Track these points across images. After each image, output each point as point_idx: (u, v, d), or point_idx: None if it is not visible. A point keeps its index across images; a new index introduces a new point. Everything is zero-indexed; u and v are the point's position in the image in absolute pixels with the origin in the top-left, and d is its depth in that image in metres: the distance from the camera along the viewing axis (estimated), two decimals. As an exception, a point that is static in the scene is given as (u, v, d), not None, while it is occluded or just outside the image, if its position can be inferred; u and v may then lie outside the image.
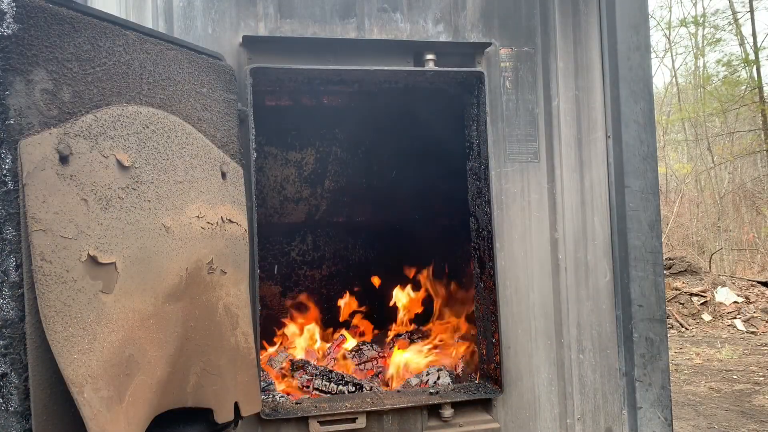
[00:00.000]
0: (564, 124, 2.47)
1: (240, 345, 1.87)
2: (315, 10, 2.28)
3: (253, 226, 2.06)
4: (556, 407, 2.43)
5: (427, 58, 2.32)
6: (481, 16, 2.42)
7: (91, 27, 1.48)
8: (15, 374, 1.30)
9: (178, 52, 1.75)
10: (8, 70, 1.29)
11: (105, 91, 1.49)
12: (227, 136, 1.94)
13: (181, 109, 1.74)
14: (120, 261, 1.44)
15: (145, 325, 1.50)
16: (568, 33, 2.50)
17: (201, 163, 1.77)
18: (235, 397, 1.82)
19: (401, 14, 2.36)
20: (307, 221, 3.66)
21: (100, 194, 1.41)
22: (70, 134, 1.36)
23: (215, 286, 1.78)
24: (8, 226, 1.30)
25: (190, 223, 1.69)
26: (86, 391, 1.29)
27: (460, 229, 2.61)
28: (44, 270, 1.27)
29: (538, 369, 2.41)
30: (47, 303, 1.26)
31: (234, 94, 1.99)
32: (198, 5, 2.17)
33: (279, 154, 3.46)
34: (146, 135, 1.57)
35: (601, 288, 2.48)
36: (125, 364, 1.42)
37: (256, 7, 2.23)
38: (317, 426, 2.15)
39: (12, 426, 1.29)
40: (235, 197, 1.92)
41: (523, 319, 2.40)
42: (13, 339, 1.30)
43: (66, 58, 1.40)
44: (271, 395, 2.39)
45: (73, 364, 1.28)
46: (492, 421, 2.34)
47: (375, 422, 2.23)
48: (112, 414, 1.34)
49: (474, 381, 2.52)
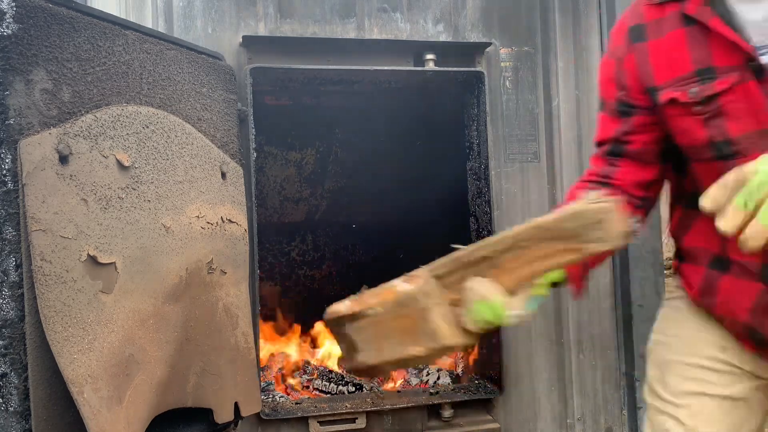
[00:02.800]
0: (564, 124, 2.47)
1: (240, 345, 1.87)
2: (315, 10, 2.28)
3: (253, 226, 2.06)
4: (556, 407, 2.43)
5: (427, 58, 2.32)
6: (481, 16, 2.42)
7: (90, 27, 1.48)
8: (14, 374, 1.30)
9: (177, 52, 1.75)
10: (8, 70, 1.29)
11: (105, 91, 1.49)
12: (227, 136, 1.94)
13: (180, 109, 1.74)
14: (120, 261, 1.44)
15: (145, 325, 1.50)
16: (568, 33, 2.50)
17: (201, 163, 1.77)
18: (235, 397, 1.82)
19: (401, 14, 2.35)
20: (307, 221, 3.66)
21: (100, 194, 1.41)
22: (69, 134, 1.36)
23: (215, 286, 1.78)
24: (8, 226, 1.30)
25: (190, 223, 1.69)
26: (86, 391, 1.29)
27: (460, 229, 2.61)
28: (44, 270, 1.26)
29: (538, 369, 2.41)
30: (47, 303, 1.26)
31: (234, 94, 1.98)
32: (198, 5, 2.17)
33: (279, 154, 3.46)
34: (146, 135, 1.57)
35: (601, 288, 2.47)
36: (125, 364, 1.42)
37: (255, 7, 2.23)
38: (317, 426, 2.15)
39: (11, 426, 1.29)
40: (235, 197, 1.92)
41: (523, 319, 2.40)
42: (13, 339, 1.30)
43: (66, 58, 1.40)
44: (271, 395, 2.39)
45: (72, 364, 1.28)
46: (492, 421, 2.34)
47: (375, 422, 2.23)
48: (111, 414, 1.34)
49: (474, 381, 2.52)
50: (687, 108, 1.18)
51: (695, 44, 1.18)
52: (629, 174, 1.31)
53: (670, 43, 1.21)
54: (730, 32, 1.12)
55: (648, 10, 1.27)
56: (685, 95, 1.18)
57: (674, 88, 1.20)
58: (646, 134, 1.29)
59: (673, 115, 1.22)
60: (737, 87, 1.13)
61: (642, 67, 1.26)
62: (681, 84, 1.19)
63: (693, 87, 1.17)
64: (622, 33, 1.31)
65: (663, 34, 1.23)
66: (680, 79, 1.19)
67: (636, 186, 1.31)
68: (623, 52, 1.31)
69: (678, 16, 1.21)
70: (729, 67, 1.14)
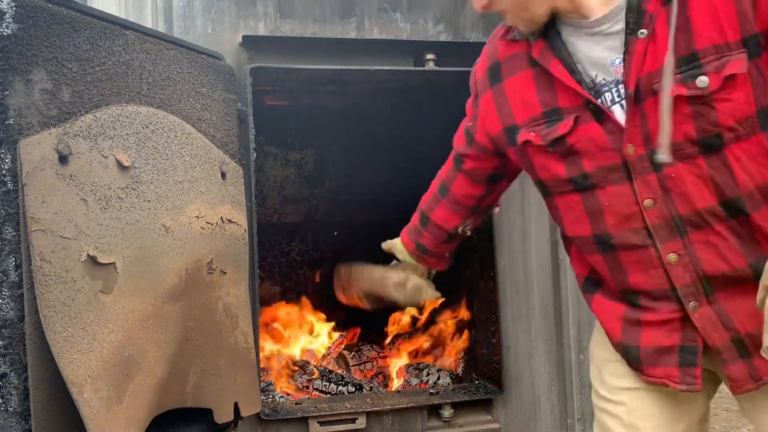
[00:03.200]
0: (564, 124, 2.46)
1: (240, 345, 1.87)
2: (315, 9, 2.28)
3: (253, 226, 2.06)
4: (556, 407, 2.43)
5: (427, 58, 2.32)
6: (481, 16, 2.42)
7: (90, 27, 1.48)
8: (14, 374, 1.30)
9: (177, 51, 1.75)
10: (8, 70, 1.29)
11: (104, 91, 1.49)
12: (227, 136, 1.94)
13: (180, 108, 1.74)
14: (119, 261, 1.44)
15: (145, 325, 1.50)
16: (568, 33, 2.49)
17: (201, 163, 1.76)
18: (235, 397, 1.82)
19: (401, 14, 2.35)
20: (307, 221, 3.66)
21: (100, 194, 1.41)
22: (69, 134, 1.36)
23: (215, 286, 1.78)
24: (8, 226, 1.30)
25: (190, 223, 1.69)
26: (86, 392, 1.29)
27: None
28: (44, 270, 1.26)
29: (539, 369, 2.41)
30: (47, 303, 1.26)
31: (234, 94, 1.98)
32: (198, 5, 2.17)
33: (279, 154, 3.46)
34: (146, 135, 1.57)
35: (601, 288, 2.47)
36: (125, 364, 1.42)
37: (255, 6, 2.23)
38: (317, 426, 2.15)
39: (11, 426, 1.29)
40: (235, 197, 1.91)
41: (523, 319, 2.40)
42: (13, 339, 1.30)
43: (65, 58, 1.40)
44: (271, 395, 2.39)
45: (72, 364, 1.28)
46: (492, 421, 2.34)
47: (375, 422, 2.23)
48: (111, 414, 1.34)
49: (474, 381, 2.52)
50: (542, 148, 1.20)
51: (541, 86, 1.20)
52: (462, 188, 1.53)
53: (521, 82, 1.24)
54: (568, 78, 1.14)
55: (502, 46, 1.29)
56: (538, 137, 1.20)
57: (528, 129, 1.22)
58: (478, 162, 1.45)
59: (532, 153, 1.24)
60: (579, 128, 1.14)
61: (501, 107, 1.29)
62: (533, 125, 1.21)
63: (542, 131, 1.19)
64: (483, 68, 1.34)
65: (515, 73, 1.25)
66: (532, 120, 1.21)
67: (467, 197, 1.54)
68: (482, 88, 1.35)
69: (526, 56, 1.22)
70: (572, 107, 1.15)
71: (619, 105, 1.12)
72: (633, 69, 1.07)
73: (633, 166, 1.11)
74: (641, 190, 1.11)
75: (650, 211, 1.12)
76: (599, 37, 1.12)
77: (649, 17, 1.05)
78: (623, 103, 1.11)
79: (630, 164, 1.11)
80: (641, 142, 1.09)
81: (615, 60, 1.11)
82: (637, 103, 1.08)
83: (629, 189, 1.13)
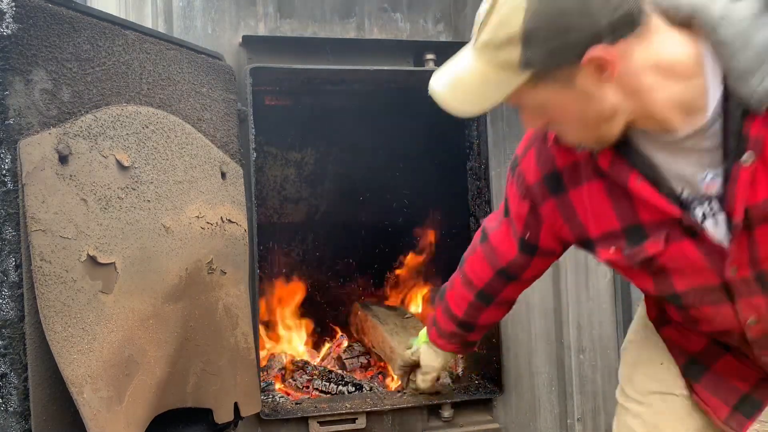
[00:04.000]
0: (564, 124, 2.46)
1: (240, 345, 1.87)
2: (315, 9, 2.28)
3: (253, 226, 2.06)
4: (556, 407, 2.43)
5: (428, 58, 2.31)
6: (481, 16, 2.41)
7: (90, 27, 1.48)
8: (14, 374, 1.30)
9: (177, 51, 1.75)
10: (8, 70, 1.29)
11: (104, 91, 1.49)
12: (227, 136, 1.94)
13: (180, 108, 1.74)
14: (120, 261, 1.44)
15: (145, 325, 1.50)
16: (568, 33, 2.49)
17: (201, 163, 1.76)
18: (235, 397, 1.82)
19: (401, 14, 2.35)
20: (307, 221, 3.65)
21: (100, 194, 1.41)
22: (69, 134, 1.36)
23: (215, 286, 1.78)
24: (8, 226, 1.30)
25: (190, 223, 1.69)
26: (86, 392, 1.29)
27: (460, 229, 2.61)
28: (44, 270, 1.26)
29: (539, 369, 2.41)
30: (47, 303, 1.26)
31: (234, 94, 1.98)
32: (198, 5, 2.17)
33: (279, 154, 3.45)
34: (146, 135, 1.57)
35: (601, 288, 2.47)
36: (125, 364, 1.42)
37: (255, 6, 2.23)
38: (317, 426, 2.15)
39: (11, 426, 1.29)
40: (235, 197, 1.91)
41: (523, 319, 2.40)
42: (13, 339, 1.30)
43: (65, 58, 1.40)
44: (271, 395, 2.39)
45: (72, 364, 1.28)
46: (492, 421, 2.34)
47: (375, 422, 2.23)
48: (111, 414, 1.34)
49: (474, 381, 2.52)
50: (627, 265, 1.12)
51: (616, 198, 1.07)
52: (513, 292, 1.51)
53: (590, 194, 1.11)
54: (653, 194, 1.02)
55: (559, 153, 1.15)
56: (620, 256, 1.10)
57: (606, 245, 1.12)
58: (539, 267, 1.41)
59: (616, 266, 1.17)
60: (671, 247, 1.05)
61: (570, 221, 1.18)
62: (611, 241, 1.11)
63: (625, 248, 1.09)
64: (538, 177, 1.21)
65: (581, 183, 1.12)
66: (609, 235, 1.11)
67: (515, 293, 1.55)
68: (540, 197, 1.22)
69: (591, 165, 1.09)
70: (657, 223, 1.04)
71: (712, 221, 1.02)
72: (739, 197, 0.96)
73: (736, 288, 1.04)
74: (744, 311, 1.06)
75: (754, 327, 1.07)
76: (684, 151, 1.00)
77: (753, 142, 0.93)
78: (718, 218, 1.01)
79: (731, 286, 1.04)
80: (747, 264, 1.01)
81: (706, 177, 1.00)
82: (747, 229, 0.99)
83: (730, 310, 1.07)
